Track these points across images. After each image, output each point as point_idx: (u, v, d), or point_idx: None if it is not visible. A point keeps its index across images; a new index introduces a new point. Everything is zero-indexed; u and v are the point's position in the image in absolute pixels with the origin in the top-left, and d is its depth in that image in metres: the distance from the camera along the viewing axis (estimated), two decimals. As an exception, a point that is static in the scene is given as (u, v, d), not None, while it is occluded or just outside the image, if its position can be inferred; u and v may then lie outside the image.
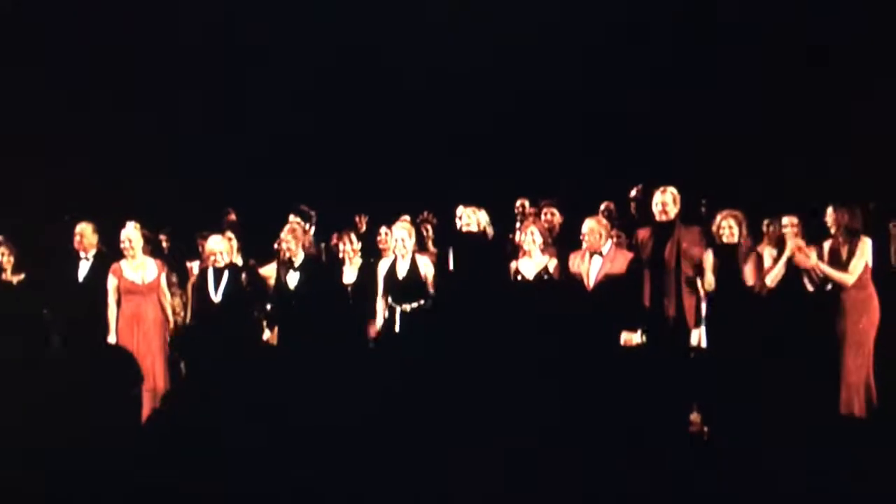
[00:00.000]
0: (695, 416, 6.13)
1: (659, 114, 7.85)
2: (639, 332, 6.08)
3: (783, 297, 6.04)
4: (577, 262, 6.15)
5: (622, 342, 5.90)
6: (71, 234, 6.76)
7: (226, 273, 6.64)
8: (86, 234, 6.74)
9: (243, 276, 6.69)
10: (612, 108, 8.03)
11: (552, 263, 6.29)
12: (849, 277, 5.90)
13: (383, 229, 6.86)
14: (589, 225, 6.12)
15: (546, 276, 6.29)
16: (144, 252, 6.76)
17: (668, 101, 7.81)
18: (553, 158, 8.08)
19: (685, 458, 5.27)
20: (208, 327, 6.67)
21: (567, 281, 6.18)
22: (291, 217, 6.98)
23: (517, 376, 5.90)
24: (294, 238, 6.66)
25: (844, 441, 4.99)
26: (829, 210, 6.02)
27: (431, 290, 6.41)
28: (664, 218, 6.16)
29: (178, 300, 7.01)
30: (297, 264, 6.67)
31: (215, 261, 6.60)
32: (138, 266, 6.69)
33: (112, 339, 6.55)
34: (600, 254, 6.09)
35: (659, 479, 4.90)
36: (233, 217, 7.63)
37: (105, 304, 6.62)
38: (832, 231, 6.01)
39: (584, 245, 6.11)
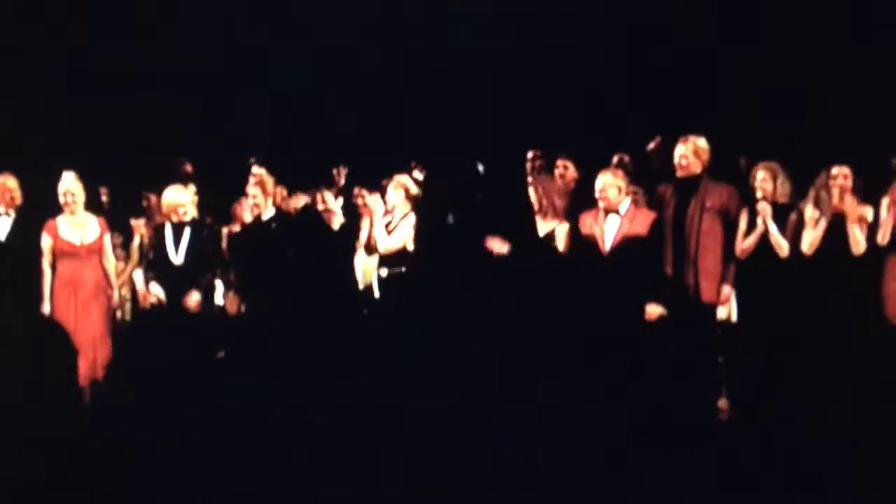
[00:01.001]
0: (723, 403, 5.45)
1: (688, 55, 6.92)
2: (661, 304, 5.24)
3: (825, 264, 5.20)
4: (589, 223, 5.35)
5: (646, 316, 5.03)
6: None
7: (188, 230, 5.74)
8: (7, 185, 5.72)
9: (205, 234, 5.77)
10: (637, 51, 7.09)
11: (561, 229, 5.43)
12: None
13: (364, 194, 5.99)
14: (604, 180, 5.32)
15: (551, 245, 5.42)
16: (85, 208, 5.94)
17: (700, 40, 6.88)
18: (569, 106, 7.12)
19: (711, 453, 4.69)
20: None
21: (579, 246, 5.30)
22: (255, 168, 5.98)
23: (521, 357, 5.18)
24: (262, 192, 5.75)
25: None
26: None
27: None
28: (685, 173, 5.49)
29: (120, 264, 6.08)
30: (265, 221, 5.82)
31: (181, 214, 5.74)
32: (77, 224, 5.91)
33: (46, 308, 5.82)
34: (617, 213, 5.26)
35: (682, 473, 4.31)
36: (188, 168, 6.65)
37: (37, 268, 5.76)
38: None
39: (601, 203, 5.23)
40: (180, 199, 5.81)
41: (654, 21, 7.16)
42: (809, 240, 5.33)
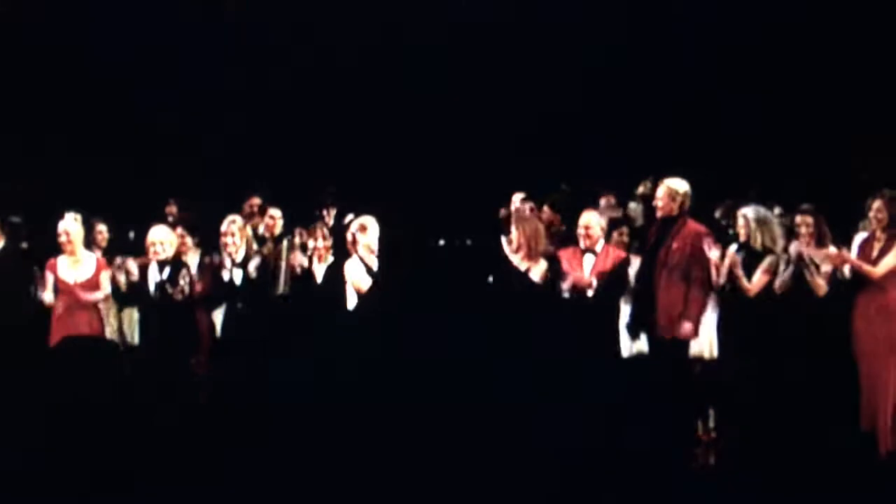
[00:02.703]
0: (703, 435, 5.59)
1: (668, 104, 7.18)
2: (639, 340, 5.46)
3: (794, 305, 5.37)
4: (567, 260, 5.58)
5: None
6: None
7: (167, 268, 6.05)
8: None
9: (187, 272, 6.05)
10: (617, 97, 7.37)
11: (538, 268, 5.60)
12: (876, 270, 5.38)
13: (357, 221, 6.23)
14: (589, 218, 5.69)
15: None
16: (85, 246, 6.27)
17: (679, 89, 7.14)
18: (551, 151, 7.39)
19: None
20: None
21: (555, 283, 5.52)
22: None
23: (504, 394, 5.35)
24: (240, 234, 6.05)
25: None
26: (878, 203, 5.46)
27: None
28: (662, 214, 5.73)
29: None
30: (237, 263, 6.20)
31: (156, 252, 6.01)
32: (75, 262, 6.20)
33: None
34: (594, 251, 5.46)
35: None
36: (173, 209, 6.89)
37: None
38: (872, 225, 5.49)
39: (583, 242, 5.67)
40: (155, 237, 6.05)
41: (638, 67, 7.42)
42: (779, 282, 5.54)
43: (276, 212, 6.92)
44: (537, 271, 5.71)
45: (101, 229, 6.64)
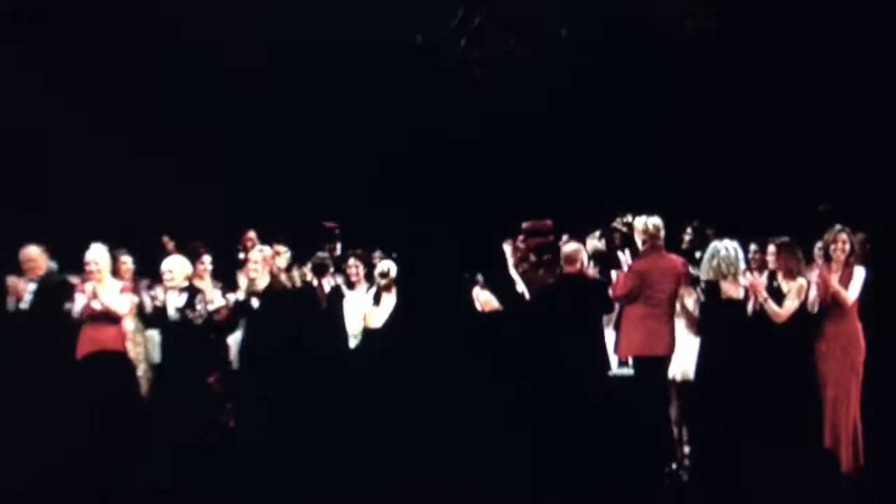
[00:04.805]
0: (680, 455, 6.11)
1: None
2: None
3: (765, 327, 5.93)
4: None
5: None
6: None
7: (185, 294, 6.72)
8: (32, 256, 6.80)
9: (202, 297, 6.73)
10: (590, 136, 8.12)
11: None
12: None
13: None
14: (571, 247, 6.36)
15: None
16: (112, 275, 6.82)
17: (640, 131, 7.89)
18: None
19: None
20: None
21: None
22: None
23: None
24: (263, 263, 6.61)
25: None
26: (838, 236, 6.04)
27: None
28: (642, 247, 6.30)
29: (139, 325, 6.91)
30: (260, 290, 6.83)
31: (167, 280, 6.69)
32: (101, 289, 6.70)
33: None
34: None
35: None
36: (169, 246, 7.56)
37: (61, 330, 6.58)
38: (833, 257, 6.07)
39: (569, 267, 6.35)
40: (166, 266, 6.75)
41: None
42: (749, 307, 6.09)
43: (281, 247, 7.47)
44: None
45: (126, 259, 7.21)
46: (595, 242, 6.93)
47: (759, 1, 8.04)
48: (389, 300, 6.84)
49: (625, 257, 6.24)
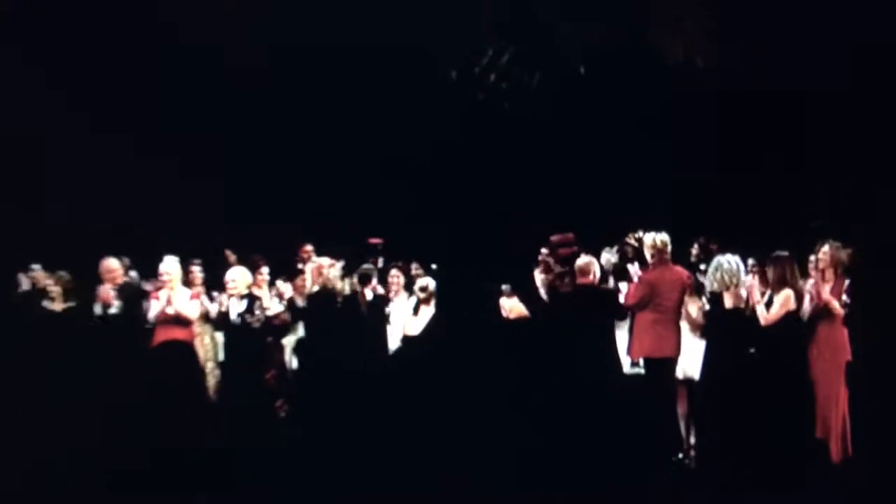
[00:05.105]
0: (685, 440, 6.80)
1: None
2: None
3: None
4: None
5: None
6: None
7: (245, 301, 7.65)
8: (112, 267, 7.82)
9: (260, 304, 7.64)
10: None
11: None
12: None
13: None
14: (586, 260, 7.15)
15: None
16: (182, 284, 7.77)
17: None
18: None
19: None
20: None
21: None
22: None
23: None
24: (316, 273, 7.54)
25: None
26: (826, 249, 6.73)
27: None
28: (651, 261, 7.06)
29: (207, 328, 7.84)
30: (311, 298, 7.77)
31: (231, 288, 7.64)
32: (173, 296, 7.62)
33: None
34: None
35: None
36: (231, 259, 8.56)
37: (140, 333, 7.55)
38: (821, 267, 6.72)
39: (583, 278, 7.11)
40: (230, 277, 7.70)
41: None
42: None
43: (329, 259, 8.32)
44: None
45: (195, 269, 8.15)
46: (609, 256, 7.71)
47: (758, 25, 8.88)
48: (427, 311, 7.66)
49: (634, 269, 6.99)
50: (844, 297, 6.57)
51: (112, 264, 7.82)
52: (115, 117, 9.66)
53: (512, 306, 7.38)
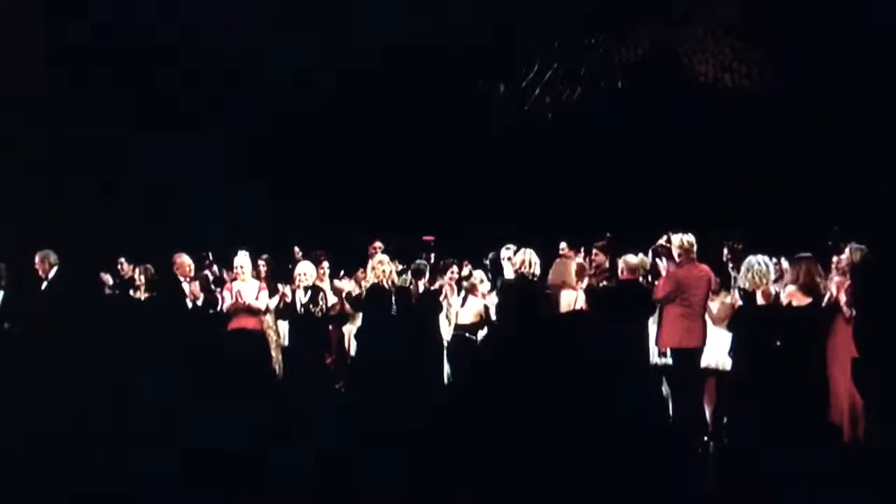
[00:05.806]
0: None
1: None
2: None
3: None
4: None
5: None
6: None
7: (309, 292, 8.40)
8: (185, 262, 8.83)
9: (323, 295, 8.42)
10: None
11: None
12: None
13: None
14: (637, 259, 7.91)
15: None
16: (252, 276, 8.63)
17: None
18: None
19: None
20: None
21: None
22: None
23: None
24: (374, 269, 8.38)
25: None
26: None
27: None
28: (679, 260, 7.65)
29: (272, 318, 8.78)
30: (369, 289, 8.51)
31: (300, 281, 8.40)
32: (244, 288, 8.53)
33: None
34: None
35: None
36: (298, 254, 9.49)
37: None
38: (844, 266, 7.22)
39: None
40: (300, 270, 8.51)
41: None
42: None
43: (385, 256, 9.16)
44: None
45: (263, 264, 9.02)
46: (644, 258, 8.36)
47: (787, 37, 9.55)
48: (475, 303, 8.35)
49: (663, 264, 7.62)
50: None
51: (186, 260, 8.76)
52: (194, 129, 10.78)
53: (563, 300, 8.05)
